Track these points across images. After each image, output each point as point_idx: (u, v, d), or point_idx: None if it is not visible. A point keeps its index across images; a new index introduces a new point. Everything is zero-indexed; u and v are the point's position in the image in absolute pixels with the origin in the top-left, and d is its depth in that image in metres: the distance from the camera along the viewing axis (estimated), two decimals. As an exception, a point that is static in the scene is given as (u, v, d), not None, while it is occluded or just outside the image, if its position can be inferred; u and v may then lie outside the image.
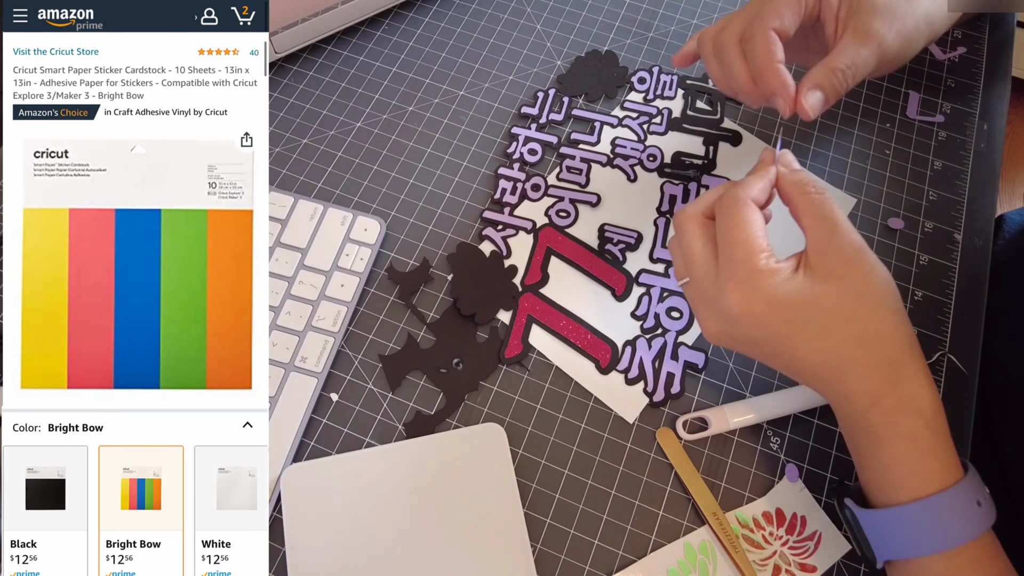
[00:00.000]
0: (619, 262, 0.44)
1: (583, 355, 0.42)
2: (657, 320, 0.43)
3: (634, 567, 0.36)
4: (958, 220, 0.47)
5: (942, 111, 0.51)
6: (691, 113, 0.50)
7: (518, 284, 0.44)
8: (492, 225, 0.46)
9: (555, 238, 0.45)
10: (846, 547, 0.37)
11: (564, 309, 0.43)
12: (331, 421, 0.40)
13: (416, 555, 0.36)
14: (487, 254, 0.45)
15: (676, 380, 0.41)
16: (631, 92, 0.51)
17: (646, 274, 0.44)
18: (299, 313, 0.42)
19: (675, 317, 0.43)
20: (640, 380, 0.41)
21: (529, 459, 0.39)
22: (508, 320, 0.42)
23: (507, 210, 0.46)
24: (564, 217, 0.46)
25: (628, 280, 0.44)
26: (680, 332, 0.42)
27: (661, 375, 0.41)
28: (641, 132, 0.49)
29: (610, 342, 0.42)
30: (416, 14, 0.54)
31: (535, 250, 0.45)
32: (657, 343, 0.42)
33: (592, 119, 0.50)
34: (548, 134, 0.49)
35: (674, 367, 0.41)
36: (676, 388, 0.41)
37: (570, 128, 0.50)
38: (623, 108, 0.50)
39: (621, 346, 0.42)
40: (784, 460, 0.39)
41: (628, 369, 0.41)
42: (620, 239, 0.45)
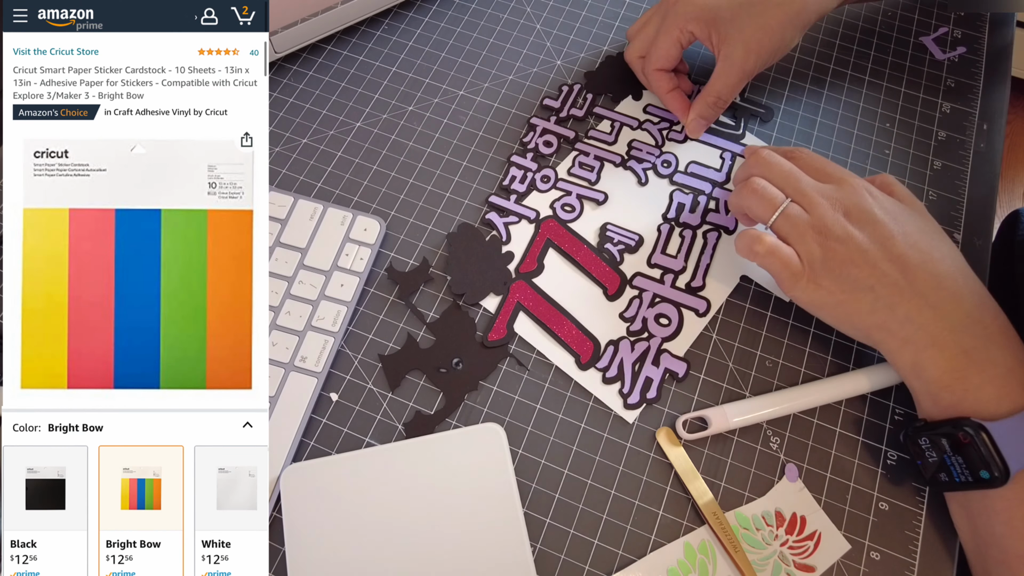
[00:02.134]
0: (616, 262, 0.44)
1: (564, 348, 0.42)
2: (644, 324, 0.42)
3: (634, 567, 0.36)
4: (958, 220, 0.47)
5: (942, 111, 0.51)
6: (712, 125, 0.50)
7: (512, 271, 0.44)
8: (497, 210, 0.46)
9: (556, 231, 0.45)
10: (846, 547, 0.37)
11: (553, 301, 0.43)
12: (331, 421, 0.40)
13: (416, 555, 0.36)
14: (487, 238, 0.45)
15: (654, 386, 0.40)
16: (655, 97, 0.51)
17: (641, 277, 0.44)
18: (299, 313, 0.42)
19: (663, 324, 0.42)
20: (617, 380, 0.41)
21: (529, 459, 0.39)
22: (496, 306, 0.43)
23: (514, 198, 0.46)
24: (569, 211, 0.46)
25: (622, 281, 0.44)
26: (666, 339, 0.42)
27: (639, 378, 0.41)
28: (660, 137, 0.49)
29: (593, 339, 0.42)
30: (416, 14, 0.54)
31: (534, 240, 0.45)
32: (640, 347, 0.42)
33: (613, 118, 0.50)
34: (567, 128, 0.49)
35: (654, 372, 0.41)
36: (652, 394, 0.40)
37: (589, 125, 0.50)
38: (645, 112, 0.50)
39: (604, 344, 0.42)
40: (784, 460, 0.39)
41: (607, 368, 0.41)
42: (621, 240, 0.45)
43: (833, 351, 0.42)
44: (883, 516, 0.38)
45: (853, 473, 0.39)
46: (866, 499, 0.38)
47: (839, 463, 0.39)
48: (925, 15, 0.55)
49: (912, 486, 0.39)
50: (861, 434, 0.40)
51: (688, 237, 0.45)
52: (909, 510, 0.38)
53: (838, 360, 0.42)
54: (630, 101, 0.51)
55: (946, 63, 0.53)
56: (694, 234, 0.45)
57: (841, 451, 0.39)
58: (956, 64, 0.53)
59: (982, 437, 0.33)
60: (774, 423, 0.40)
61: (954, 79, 0.52)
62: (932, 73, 0.53)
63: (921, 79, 0.52)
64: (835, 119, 0.50)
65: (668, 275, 0.44)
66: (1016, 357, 0.34)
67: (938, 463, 0.35)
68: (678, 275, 0.44)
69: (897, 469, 0.39)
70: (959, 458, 0.34)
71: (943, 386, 0.34)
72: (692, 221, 0.46)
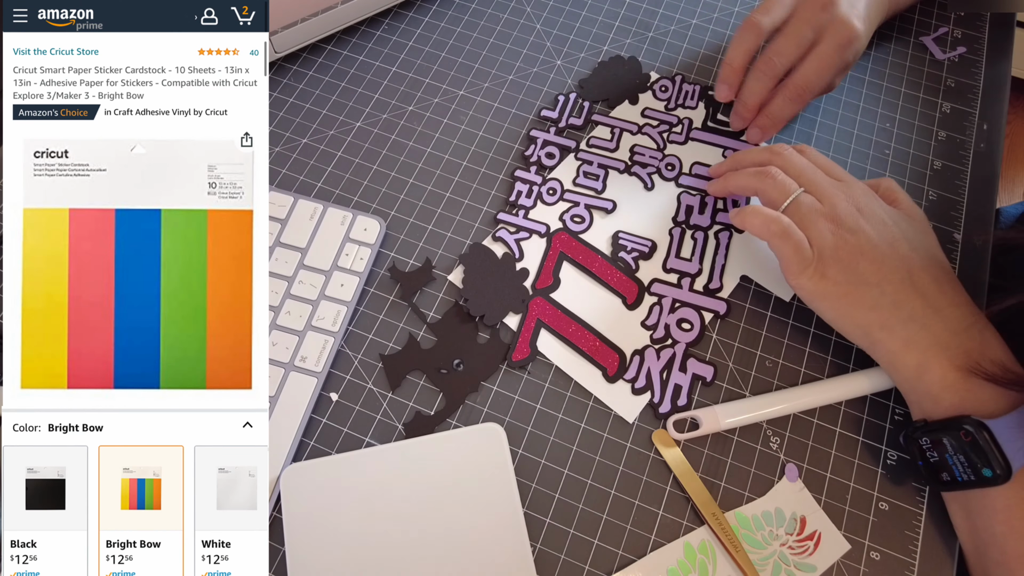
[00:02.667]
0: (632, 270, 0.44)
1: (591, 362, 0.41)
2: (667, 331, 0.42)
3: (634, 567, 0.36)
4: (958, 220, 0.47)
5: (942, 111, 0.51)
6: (711, 124, 0.50)
7: (529, 288, 0.43)
8: (506, 227, 0.45)
9: (568, 243, 0.45)
10: (846, 547, 0.37)
11: (574, 315, 0.42)
12: (331, 421, 0.40)
13: (416, 555, 0.36)
14: (499, 256, 0.45)
15: (683, 392, 0.40)
16: (652, 99, 0.50)
17: (658, 284, 0.43)
18: (299, 313, 0.42)
19: (685, 328, 0.42)
20: (647, 390, 0.40)
21: (529, 459, 0.39)
22: (517, 323, 0.42)
23: (522, 213, 0.46)
24: (579, 222, 0.46)
25: (640, 289, 0.43)
26: (690, 344, 0.42)
27: (669, 386, 0.41)
28: (660, 140, 0.49)
29: (618, 350, 0.41)
30: (416, 14, 0.54)
31: (547, 254, 0.44)
32: (666, 354, 0.41)
33: (612, 125, 0.49)
34: (567, 138, 0.49)
35: (682, 379, 0.41)
36: (683, 400, 0.40)
37: (589, 133, 0.49)
38: (643, 116, 0.50)
39: (629, 355, 0.41)
40: (784, 460, 0.39)
41: (635, 379, 0.41)
42: (634, 247, 0.45)
43: (833, 351, 0.42)
44: (883, 516, 0.38)
45: (853, 473, 0.39)
46: (866, 499, 0.38)
47: (839, 463, 0.39)
48: (925, 15, 0.55)
49: (912, 486, 0.39)
50: (861, 434, 0.40)
51: (700, 239, 0.45)
52: (909, 510, 0.38)
53: (838, 360, 0.42)
54: (627, 106, 0.50)
55: (946, 63, 0.53)
56: (706, 235, 0.45)
57: (841, 451, 0.39)
58: (956, 64, 0.53)
59: (983, 435, 0.33)
60: (774, 423, 0.40)
61: (954, 79, 0.52)
62: (932, 73, 0.53)
63: (921, 79, 0.52)
64: (835, 119, 0.50)
65: (685, 279, 0.44)
66: (1010, 357, 0.35)
67: (940, 463, 0.35)
68: (695, 278, 0.44)
69: (897, 469, 0.39)
70: (961, 457, 0.34)
71: (946, 386, 0.34)
72: (702, 222, 0.46)
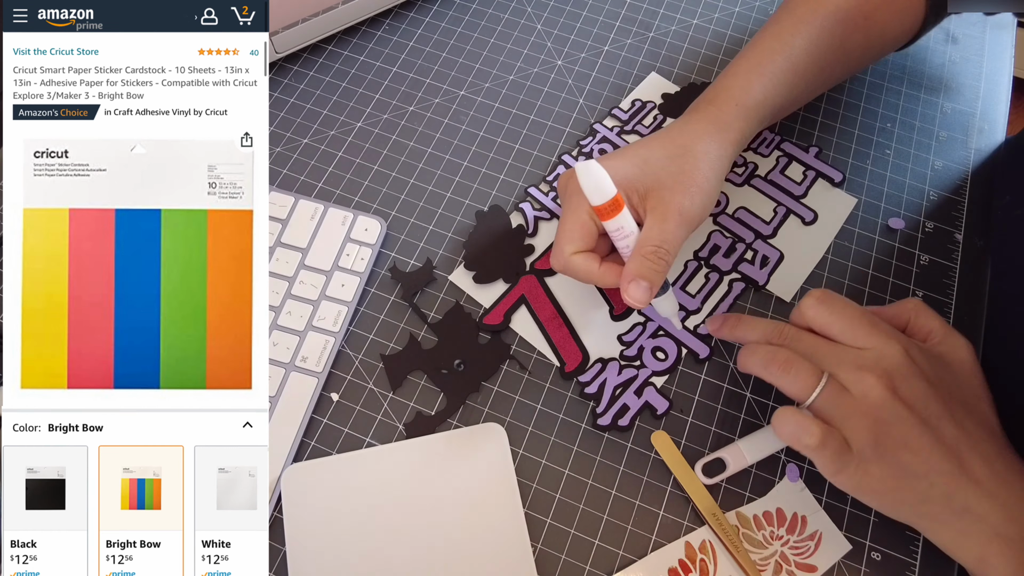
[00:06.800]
0: None
1: (554, 352, 0.41)
2: (640, 352, 0.41)
3: (634, 567, 0.36)
4: (958, 220, 0.47)
5: (942, 111, 0.51)
6: (775, 178, 0.47)
7: (528, 264, 0.44)
8: (532, 201, 0.46)
9: None
10: (847, 547, 0.37)
11: (558, 304, 0.43)
12: (331, 421, 0.40)
13: (417, 555, 0.36)
14: (513, 225, 0.45)
15: (629, 415, 0.40)
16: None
17: (651, 308, 0.43)
18: (299, 313, 0.42)
19: (659, 358, 0.41)
20: (593, 399, 0.40)
21: (529, 459, 0.39)
22: (501, 293, 0.43)
23: (552, 195, 0.46)
24: None
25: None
26: (656, 373, 0.41)
27: (616, 403, 0.40)
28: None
29: (584, 351, 0.41)
30: (416, 14, 0.54)
31: None
32: (628, 373, 0.41)
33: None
34: (627, 141, 0.48)
35: (633, 402, 0.40)
36: (625, 422, 0.40)
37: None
38: None
39: (592, 360, 0.41)
40: (784, 460, 0.39)
41: (589, 383, 0.40)
42: None
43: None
44: (884, 516, 0.38)
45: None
46: (867, 499, 0.38)
47: (840, 463, 0.39)
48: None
49: (913, 486, 0.38)
50: (862, 434, 0.40)
51: (714, 280, 0.44)
52: (910, 510, 0.38)
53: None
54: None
55: (946, 63, 0.53)
56: (720, 279, 0.44)
57: (842, 451, 0.39)
58: (956, 64, 0.53)
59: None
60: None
61: (954, 79, 0.52)
62: (932, 73, 0.52)
63: (921, 79, 0.52)
64: (835, 119, 0.50)
65: (679, 312, 0.42)
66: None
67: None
68: (690, 314, 0.43)
69: (898, 469, 0.39)
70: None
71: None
72: (723, 266, 0.44)
